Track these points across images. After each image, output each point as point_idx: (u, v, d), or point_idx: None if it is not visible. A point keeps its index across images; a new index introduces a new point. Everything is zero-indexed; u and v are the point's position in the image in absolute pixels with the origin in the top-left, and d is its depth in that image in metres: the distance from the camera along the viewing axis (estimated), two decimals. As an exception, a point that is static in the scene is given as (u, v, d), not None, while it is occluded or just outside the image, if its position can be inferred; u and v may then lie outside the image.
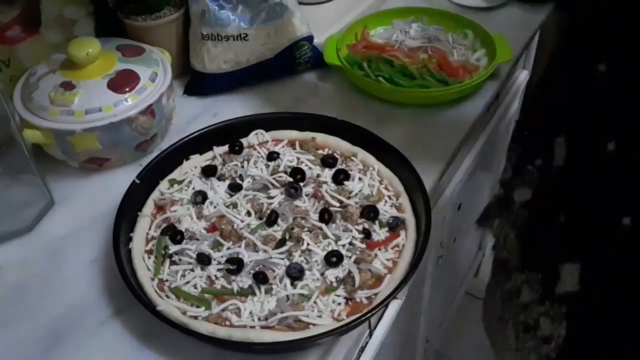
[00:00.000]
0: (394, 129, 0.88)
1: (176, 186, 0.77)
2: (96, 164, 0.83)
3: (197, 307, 0.64)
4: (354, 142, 0.81)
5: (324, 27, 1.06)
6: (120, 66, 0.82)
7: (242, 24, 0.92)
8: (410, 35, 1.04)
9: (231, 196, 0.75)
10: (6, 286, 0.71)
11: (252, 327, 0.62)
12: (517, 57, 1.04)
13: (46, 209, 0.79)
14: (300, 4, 0.98)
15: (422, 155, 0.82)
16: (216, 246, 0.70)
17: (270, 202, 0.74)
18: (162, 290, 0.66)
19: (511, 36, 1.01)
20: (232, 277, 0.66)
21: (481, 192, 1.36)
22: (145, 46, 0.87)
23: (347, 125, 0.82)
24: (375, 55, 0.97)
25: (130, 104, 0.79)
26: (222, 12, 0.91)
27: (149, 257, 0.69)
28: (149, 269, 0.68)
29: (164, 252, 0.69)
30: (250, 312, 0.63)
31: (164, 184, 0.77)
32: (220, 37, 0.93)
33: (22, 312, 0.69)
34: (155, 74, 0.83)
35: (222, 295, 0.65)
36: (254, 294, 0.65)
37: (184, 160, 0.80)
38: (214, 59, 0.94)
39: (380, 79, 0.93)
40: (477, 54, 0.99)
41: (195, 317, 0.63)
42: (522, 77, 1.31)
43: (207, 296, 0.65)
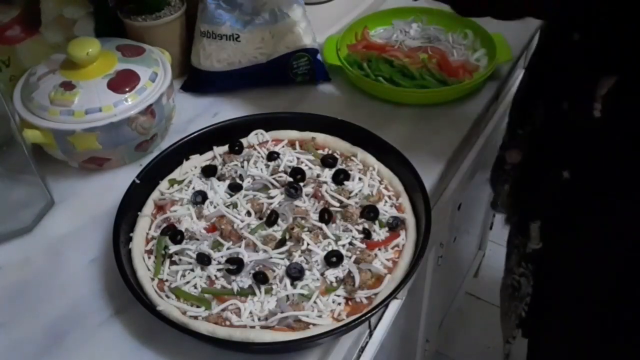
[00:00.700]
0: (394, 129, 0.88)
1: (176, 186, 0.77)
2: (96, 164, 0.83)
3: (197, 307, 0.64)
4: (354, 142, 0.81)
5: (324, 27, 1.06)
6: (120, 66, 0.82)
7: (235, 24, 0.92)
8: (410, 35, 1.04)
9: (231, 196, 0.75)
10: (6, 286, 0.71)
11: (252, 327, 0.62)
12: (517, 57, 1.04)
13: (46, 209, 0.79)
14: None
15: (422, 155, 0.82)
16: (216, 246, 0.70)
17: (270, 202, 0.74)
18: (162, 290, 0.66)
19: (511, 36, 1.01)
20: (232, 277, 0.66)
21: (481, 192, 1.36)
22: (145, 46, 0.87)
23: (347, 125, 0.82)
24: (375, 55, 0.97)
25: (130, 104, 0.79)
26: (219, 10, 0.91)
27: (149, 257, 0.69)
28: (149, 269, 0.68)
29: (164, 252, 0.69)
30: (250, 312, 0.63)
31: (164, 184, 0.77)
32: (214, 35, 0.93)
33: (22, 312, 0.69)
34: (155, 74, 0.83)
35: (222, 295, 0.65)
36: (254, 294, 0.65)
37: (184, 160, 0.80)
38: (208, 57, 0.94)
39: (380, 79, 0.93)
40: (477, 54, 1.00)
41: (195, 317, 0.63)
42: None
43: (207, 296, 0.65)
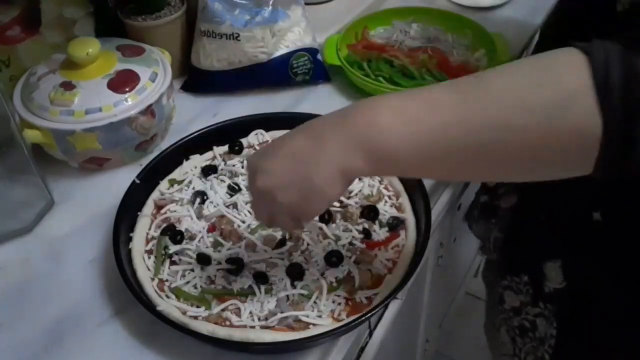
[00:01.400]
0: (394, 129, 0.88)
1: (176, 186, 0.77)
2: (96, 164, 0.83)
3: (197, 307, 0.64)
4: (354, 142, 0.80)
5: (324, 27, 1.06)
6: (120, 66, 0.82)
7: (235, 23, 0.92)
8: (410, 35, 1.04)
9: (231, 196, 0.75)
10: (6, 286, 0.71)
11: (252, 327, 0.62)
12: (517, 57, 1.04)
13: (46, 209, 0.79)
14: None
15: (422, 155, 0.82)
16: (216, 246, 0.70)
17: (270, 202, 0.74)
18: (162, 290, 0.66)
19: (511, 36, 1.01)
20: (232, 277, 0.66)
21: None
22: (145, 46, 0.87)
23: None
24: (375, 55, 0.97)
25: (130, 104, 0.79)
26: (219, 9, 0.91)
27: (149, 257, 0.69)
28: (149, 269, 0.68)
29: (164, 252, 0.69)
30: (250, 312, 0.63)
31: (164, 184, 0.77)
32: (214, 34, 0.93)
33: (22, 312, 0.69)
34: (155, 74, 0.83)
35: (222, 295, 0.65)
36: (254, 294, 0.65)
37: (184, 160, 0.80)
38: (208, 56, 0.94)
39: (380, 79, 0.93)
40: (477, 54, 0.99)
41: (195, 317, 0.63)
42: (522, 77, 1.31)
43: (207, 296, 0.65)
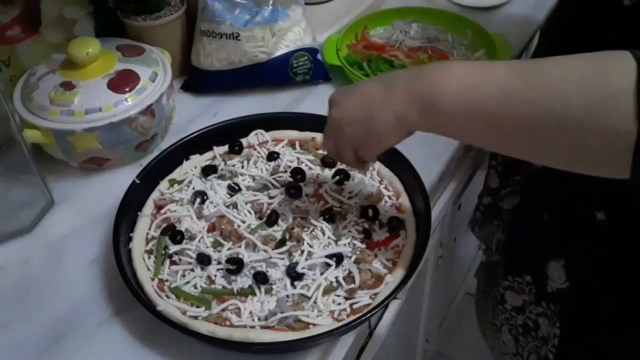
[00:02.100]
0: (394, 129, 0.88)
1: (176, 186, 0.77)
2: (96, 164, 0.83)
3: (197, 307, 0.64)
4: (354, 142, 0.80)
5: (324, 27, 1.06)
6: (120, 66, 0.82)
7: (235, 23, 0.92)
8: (410, 35, 1.04)
9: (231, 196, 0.75)
10: (6, 286, 0.71)
11: (252, 327, 0.62)
12: (517, 57, 1.04)
13: (46, 209, 0.79)
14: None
15: (422, 155, 0.82)
16: (216, 246, 0.70)
17: (270, 202, 0.74)
18: (162, 290, 0.66)
19: (511, 36, 1.01)
20: (232, 277, 0.66)
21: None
22: (145, 46, 0.87)
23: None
24: (375, 55, 0.97)
25: (130, 104, 0.79)
26: (219, 9, 0.91)
27: (149, 257, 0.69)
28: (149, 269, 0.68)
29: (164, 252, 0.69)
30: (250, 312, 0.63)
31: (164, 184, 0.77)
32: (214, 34, 0.93)
33: (22, 312, 0.69)
34: (155, 74, 0.83)
35: (222, 295, 0.65)
36: (254, 294, 0.65)
37: (184, 160, 0.80)
38: (208, 56, 0.94)
39: (380, 79, 0.93)
40: (477, 54, 0.99)
41: (195, 317, 0.63)
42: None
43: (207, 296, 0.65)
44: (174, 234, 0.70)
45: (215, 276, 0.67)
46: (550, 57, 0.53)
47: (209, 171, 0.78)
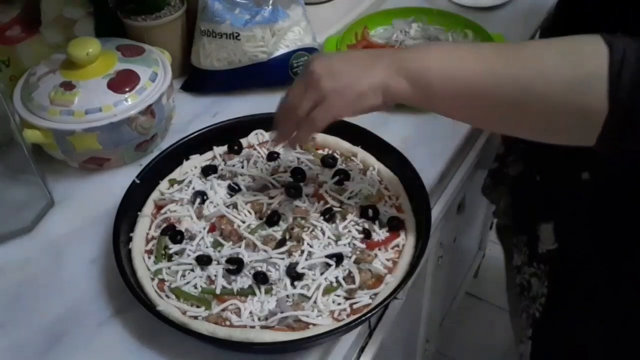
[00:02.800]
0: (394, 129, 0.88)
1: (176, 186, 0.77)
2: (96, 164, 0.83)
3: (197, 307, 0.64)
4: (354, 142, 0.81)
5: (324, 27, 1.06)
6: (120, 66, 0.82)
7: (235, 23, 0.92)
8: (410, 35, 1.04)
9: (231, 196, 0.75)
10: (6, 286, 0.71)
11: (252, 327, 0.62)
12: (517, 57, 1.04)
13: (46, 209, 0.79)
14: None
15: (422, 155, 0.82)
16: (216, 246, 0.70)
17: (270, 202, 0.74)
18: (162, 290, 0.66)
19: (511, 36, 1.01)
20: (232, 277, 0.66)
21: (481, 192, 1.35)
22: (145, 46, 0.87)
23: (347, 125, 0.82)
24: (375, 55, 0.97)
25: (130, 104, 0.79)
26: (219, 9, 0.91)
27: (149, 257, 0.69)
28: (149, 269, 0.68)
29: (164, 252, 0.69)
30: (250, 312, 0.63)
31: (164, 184, 0.77)
32: (214, 34, 0.93)
33: (22, 312, 0.69)
34: (155, 74, 0.83)
35: (222, 295, 0.65)
36: (254, 294, 0.65)
37: (184, 160, 0.80)
38: (208, 56, 0.94)
39: (380, 79, 0.93)
40: (477, 54, 0.99)
41: (195, 317, 0.63)
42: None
43: (207, 296, 0.65)
44: (174, 234, 0.70)
45: (215, 276, 0.66)
46: (531, 40, 0.56)
47: (209, 171, 0.78)
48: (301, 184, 0.75)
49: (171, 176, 0.78)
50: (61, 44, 0.88)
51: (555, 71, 0.53)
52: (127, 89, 0.80)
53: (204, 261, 0.67)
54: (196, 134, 0.81)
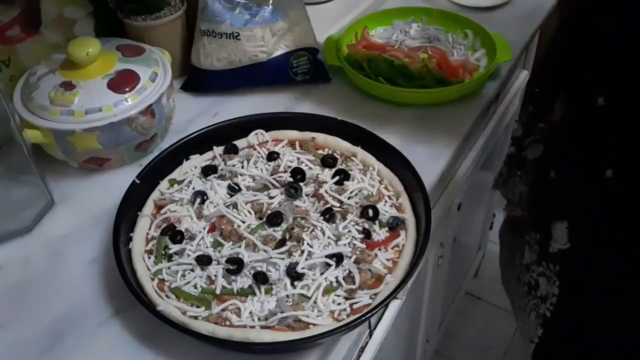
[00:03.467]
0: (394, 129, 0.88)
1: (176, 186, 0.77)
2: (96, 164, 0.83)
3: (197, 307, 0.64)
4: (354, 142, 0.81)
5: (324, 27, 1.06)
6: (120, 66, 0.82)
7: (235, 22, 0.92)
8: (410, 35, 1.04)
9: (231, 196, 0.75)
10: (6, 286, 0.71)
11: (252, 327, 0.62)
12: (517, 57, 1.04)
13: (46, 209, 0.79)
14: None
15: (422, 155, 0.82)
16: (216, 246, 0.70)
17: (270, 202, 0.74)
18: (162, 290, 0.66)
19: (511, 36, 1.01)
20: (232, 277, 0.66)
21: (481, 192, 1.36)
22: (145, 46, 0.87)
23: (347, 125, 0.82)
24: (375, 55, 0.97)
25: (130, 104, 0.79)
26: (219, 9, 0.91)
27: (149, 257, 0.69)
28: (149, 269, 0.68)
29: (164, 252, 0.69)
30: (250, 312, 0.63)
31: (164, 184, 0.77)
32: (214, 34, 0.93)
33: (22, 312, 0.69)
34: (155, 74, 0.83)
35: (222, 295, 0.65)
36: (254, 294, 0.65)
37: (184, 160, 0.80)
38: (209, 56, 0.94)
39: (380, 79, 0.93)
40: (477, 54, 1.00)
41: (195, 317, 0.63)
42: (522, 77, 1.31)
43: (207, 296, 0.65)
44: (174, 234, 0.70)
45: (215, 276, 0.67)
46: None
47: (209, 171, 0.78)
48: (301, 184, 0.75)
49: (171, 176, 0.78)
50: (61, 44, 0.89)
51: None
52: (127, 89, 0.80)
53: (204, 261, 0.67)
54: (196, 134, 0.81)
